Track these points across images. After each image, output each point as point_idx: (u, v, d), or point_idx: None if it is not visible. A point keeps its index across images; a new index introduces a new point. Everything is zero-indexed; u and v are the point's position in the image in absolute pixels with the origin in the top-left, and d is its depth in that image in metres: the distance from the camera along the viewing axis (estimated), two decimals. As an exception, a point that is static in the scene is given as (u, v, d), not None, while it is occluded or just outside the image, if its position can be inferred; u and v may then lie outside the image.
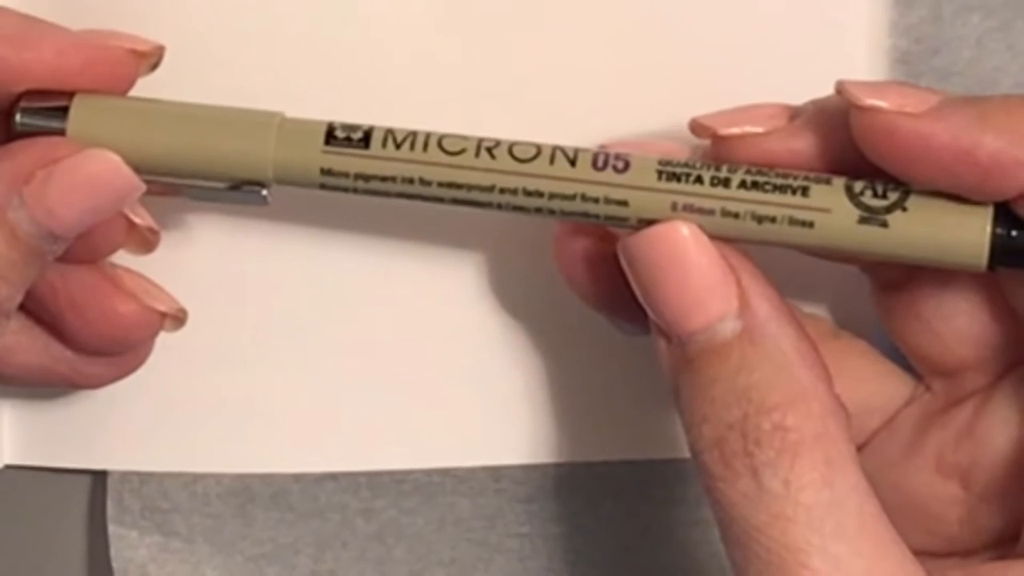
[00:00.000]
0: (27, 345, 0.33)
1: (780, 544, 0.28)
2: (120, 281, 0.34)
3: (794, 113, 0.31)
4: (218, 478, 0.37)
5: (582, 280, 0.33)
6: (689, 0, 0.35)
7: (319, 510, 0.38)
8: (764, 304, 0.29)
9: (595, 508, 0.38)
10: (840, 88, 0.29)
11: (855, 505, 0.28)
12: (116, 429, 0.37)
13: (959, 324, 0.32)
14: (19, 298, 0.31)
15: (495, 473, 0.38)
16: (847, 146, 0.30)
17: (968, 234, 0.29)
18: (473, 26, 0.35)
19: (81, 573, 0.39)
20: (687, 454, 0.36)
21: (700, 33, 0.35)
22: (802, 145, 0.30)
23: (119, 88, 0.32)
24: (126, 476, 0.37)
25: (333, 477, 0.37)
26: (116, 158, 0.30)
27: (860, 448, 0.31)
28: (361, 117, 0.31)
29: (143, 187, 0.31)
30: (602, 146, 0.31)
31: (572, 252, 0.33)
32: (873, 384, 0.33)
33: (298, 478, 0.37)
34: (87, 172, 0.30)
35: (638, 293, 0.30)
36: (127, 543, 0.38)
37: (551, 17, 0.35)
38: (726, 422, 0.29)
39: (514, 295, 0.36)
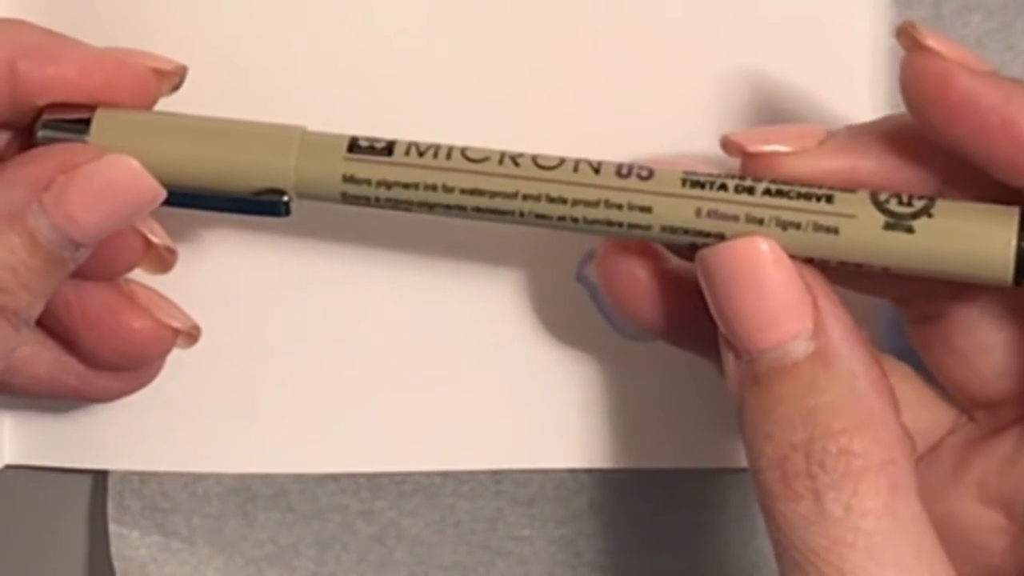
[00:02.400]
0: (39, 357, 0.33)
1: (836, 569, 0.27)
2: (134, 297, 0.34)
3: (825, 135, 0.30)
4: (219, 478, 0.37)
5: (627, 298, 0.32)
6: (689, 3, 0.35)
7: (319, 511, 0.38)
8: (839, 326, 0.29)
9: (596, 511, 0.38)
10: (904, 27, 0.29)
11: (915, 535, 0.28)
12: (117, 429, 0.37)
13: (996, 358, 0.31)
14: (40, 307, 0.31)
15: (496, 475, 0.38)
16: (877, 170, 0.30)
17: (995, 245, 0.29)
18: (486, 43, 0.35)
19: (82, 573, 0.39)
20: (691, 464, 0.37)
21: (700, 35, 0.35)
22: (831, 166, 0.30)
23: (140, 106, 0.32)
24: (127, 476, 0.37)
25: (333, 478, 0.37)
26: (136, 163, 0.30)
27: None
28: (380, 132, 0.31)
29: (163, 193, 0.31)
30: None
31: (618, 271, 0.32)
32: (916, 409, 0.32)
33: (298, 479, 0.37)
34: (107, 177, 0.30)
35: (711, 305, 0.30)
36: (128, 543, 0.38)
37: (562, 33, 0.35)
38: (790, 442, 0.28)
39: (514, 300, 0.36)
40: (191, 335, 0.35)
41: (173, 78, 0.32)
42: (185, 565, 0.38)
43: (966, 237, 0.29)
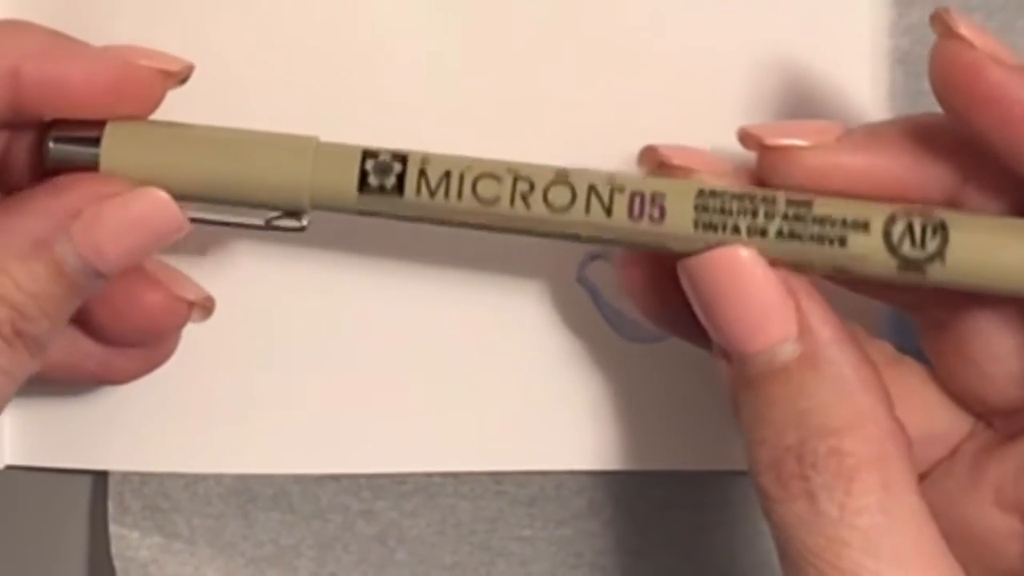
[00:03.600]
0: (55, 342, 0.33)
1: (835, 568, 0.28)
2: (148, 270, 0.33)
3: (843, 132, 0.30)
4: (219, 478, 0.37)
5: (647, 300, 0.32)
6: (691, 3, 0.35)
7: (320, 511, 0.38)
8: (824, 329, 0.29)
9: (597, 511, 0.38)
10: (938, 13, 0.29)
11: (913, 530, 0.28)
12: (117, 429, 0.37)
13: (1010, 365, 0.31)
14: (57, 334, 0.31)
15: (496, 475, 0.38)
16: (895, 169, 0.30)
17: (1010, 274, 0.29)
18: (486, 43, 0.35)
19: (82, 573, 0.39)
20: (692, 466, 0.37)
21: (702, 35, 0.35)
22: (848, 162, 0.30)
23: (146, 107, 0.32)
24: (127, 476, 0.37)
25: (334, 478, 0.37)
26: (166, 196, 0.31)
27: (921, 478, 0.30)
28: (388, 136, 0.31)
29: (188, 226, 0.31)
30: (650, 147, 0.31)
31: (636, 274, 0.32)
32: (934, 411, 0.32)
33: (298, 479, 0.37)
34: (137, 211, 0.30)
35: (699, 314, 0.30)
36: (128, 543, 0.38)
37: (571, 33, 0.35)
38: (783, 445, 0.28)
39: (515, 302, 0.36)
40: (205, 307, 0.34)
41: (179, 76, 0.32)
42: (186, 566, 0.38)
43: (980, 273, 0.29)
